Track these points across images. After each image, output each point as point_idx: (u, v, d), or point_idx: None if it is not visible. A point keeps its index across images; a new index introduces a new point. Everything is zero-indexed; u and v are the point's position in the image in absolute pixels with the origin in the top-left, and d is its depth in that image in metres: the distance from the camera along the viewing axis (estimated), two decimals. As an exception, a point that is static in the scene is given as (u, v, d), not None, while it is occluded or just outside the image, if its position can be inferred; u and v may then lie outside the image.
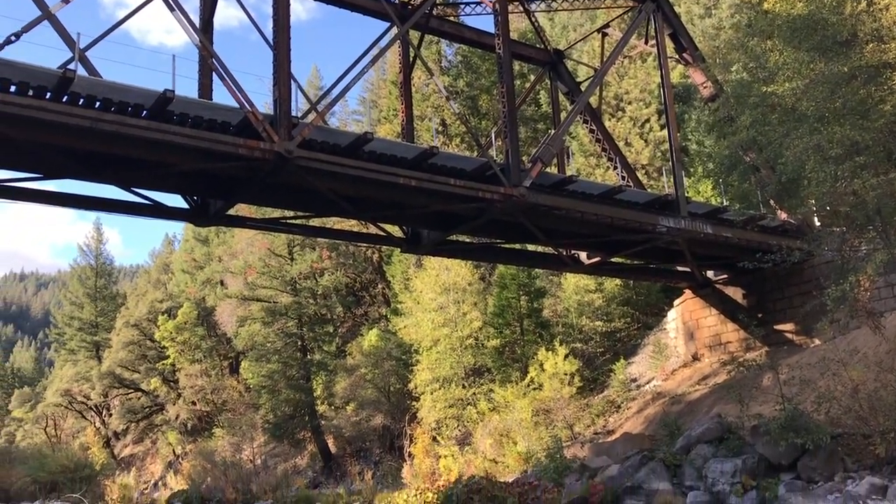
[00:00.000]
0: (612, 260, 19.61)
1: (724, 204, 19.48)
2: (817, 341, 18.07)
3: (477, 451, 22.61)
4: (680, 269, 21.29)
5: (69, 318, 56.64)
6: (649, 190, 20.19)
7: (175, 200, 14.27)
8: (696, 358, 21.53)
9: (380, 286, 38.29)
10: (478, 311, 25.74)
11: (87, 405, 51.20)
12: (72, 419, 54.14)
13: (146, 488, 42.63)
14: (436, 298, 26.05)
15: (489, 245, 19.61)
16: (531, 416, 20.98)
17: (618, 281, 24.34)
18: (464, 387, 25.29)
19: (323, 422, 33.24)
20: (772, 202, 19.77)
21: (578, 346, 23.74)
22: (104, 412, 51.32)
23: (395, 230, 17.92)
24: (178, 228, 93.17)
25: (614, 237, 17.70)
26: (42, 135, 10.59)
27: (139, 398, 49.05)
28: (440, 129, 32.61)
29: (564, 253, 19.26)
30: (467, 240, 20.76)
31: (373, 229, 17.47)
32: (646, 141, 26.80)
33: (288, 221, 16.53)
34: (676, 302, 22.78)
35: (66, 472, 37.71)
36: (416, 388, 26.23)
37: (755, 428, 13.72)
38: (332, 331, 36.54)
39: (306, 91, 16.88)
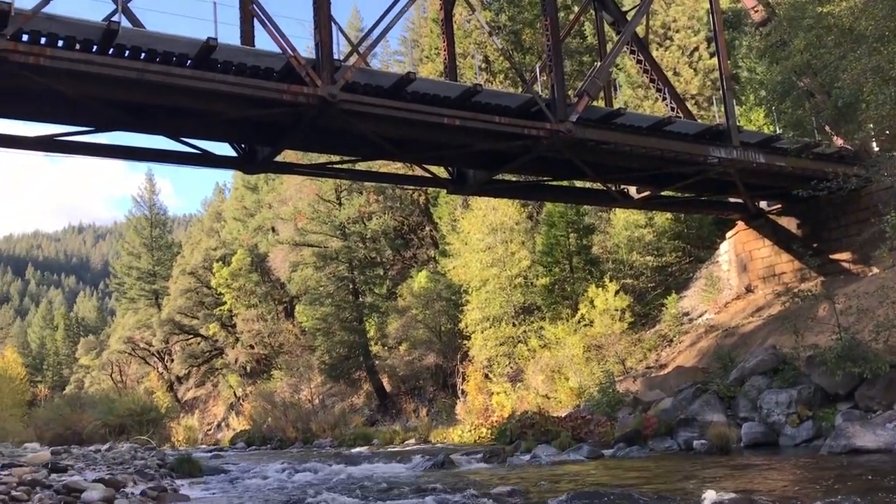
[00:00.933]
0: (663, 193, 19.30)
1: (777, 132, 18.92)
2: (875, 270, 17.65)
3: (529, 387, 22.88)
4: (732, 200, 20.87)
5: (128, 268, 58.28)
6: (699, 120, 19.67)
7: (223, 149, 14.42)
8: (749, 290, 21.25)
9: (427, 228, 38.43)
10: (526, 250, 25.70)
11: (149, 351, 53.00)
12: (136, 365, 56.16)
13: (210, 429, 44.27)
14: (483, 239, 26.07)
15: (536, 183, 19.44)
16: (582, 352, 21.07)
17: (668, 215, 24.00)
18: (514, 325, 25.45)
19: (377, 362, 33.91)
20: (827, 128, 19.13)
21: (629, 282, 23.61)
22: (166, 358, 53.08)
23: (440, 171, 17.86)
24: (227, 177, 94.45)
25: (664, 170, 17.39)
26: (91, 88, 10.75)
27: (199, 343, 50.55)
28: (483, 66, 32.10)
29: (613, 188, 19.02)
30: (514, 178, 20.62)
31: (418, 171, 17.45)
32: (695, 70, 26.03)
33: (334, 166, 16.59)
34: (729, 234, 22.42)
35: (133, 416, 39.34)
36: (466, 327, 26.49)
37: (811, 358, 13.57)
38: (382, 273, 36.95)
39: (347, 33, 16.77)
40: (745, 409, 14.02)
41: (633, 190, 19.59)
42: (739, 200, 20.33)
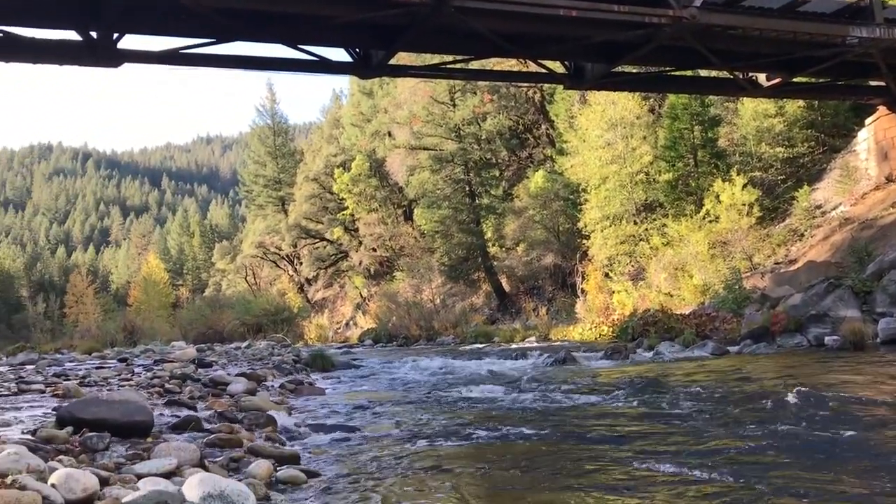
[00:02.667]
0: (795, 80, 18.09)
1: (929, 5, 17.22)
2: None
3: (651, 285, 22.61)
4: (873, 84, 19.34)
5: (254, 176, 60.60)
6: (838, -2, 18.14)
7: (339, 55, 14.53)
8: (890, 180, 19.88)
9: (543, 127, 37.76)
10: (648, 145, 24.91)
11: (279, 255, 55.53)
12: (267, 268, 59.05)
13: (339, 328, 46.35)
14: (602, 135, 25.42)
15: (658, 74, 18.59)
16: (707, 248, 20.52)
17: (801, 102, 22.54)
18: (635, 223, 25.00)
19: (495, 262, 34.26)
20: None
21: (757, 175, 22.57)
22: (295, 261, 55.50)
23: (556, 66, 17.35)
24: (344, 83, 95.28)
25: (797, 54, 16.23)
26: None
27: (325, 247, 52.50)
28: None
29: (741, 76, 17.97)
30: (634, 70, 19.78)
31: (533, 67, 17.02)
32: (834, -59, 23.85)
33: (448, 66, 16.41)
34: (868, 120, 20.87)
35: (268, 315, 41.70)
36: (585, 226, 26.23)
37: (959, 251, 12.73)
38: (497, 175, 36.85)
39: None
40: (882, 304, 13.36)
41: (762, 77, 18.44)
42: (882, 84, 18.80)
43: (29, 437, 4.29)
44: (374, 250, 46.42)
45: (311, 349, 22.36)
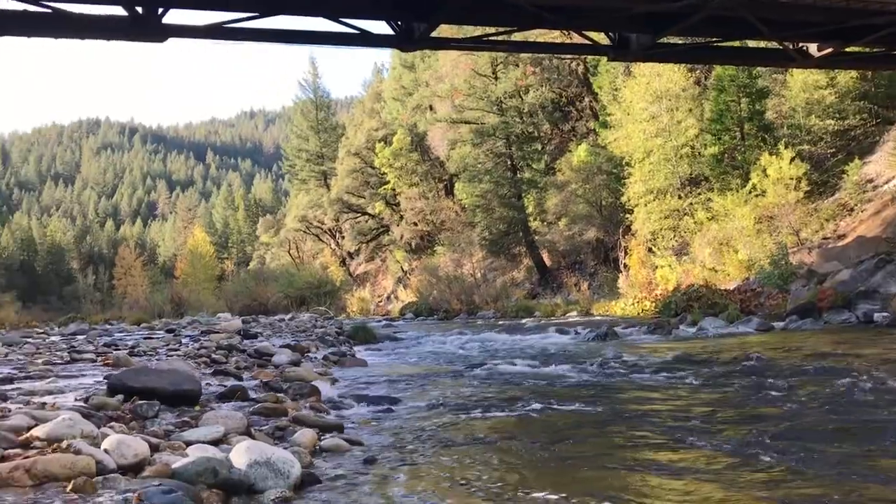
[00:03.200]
0: (848, 50, 17.55)
1: None
2: None
3: (695, 260, 22.33)
4: (931, 53, 18.69)
5: (297, 151, 61.03)
6: (895, -37, 17.48)
7: (380, 28, 14.45)
8: (947, 153, 19.31)
9: (587, 100, 37.29)
10: (693, 117, 24.47)
11: (321, 229, 56.03)
12: (310, 242, 59.66)
13: (380, 301, 46.72)
14: (647, 108, 25.03)
15: (704, 45, 18.15)
16: (753, 223, 20.16)
17: (853, 73, 21.88)
18: (679, 197, 24.65)
19: (536, 237, 34.12)
20: None
21: (806, 149, 22.04)
22: (337, 235, 55.97)
23: (600, 38, 17.08)
24: (386, 57, 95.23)
25: (851, 22, 15.70)
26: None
27: (366, 221, 52.80)
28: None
29: (791, 46, 17.48)
30: (680, 41, 19.38)
31: (577, 39, 16.79)
32: None
33: (490, 38, 16.26)
34: (925, 92, 20.24)
35: (311, 288, 42.23)
36: (628, 200, 25.94)
37: None
38: (539, 148, 36.56)
39: None
40: (935, 281, 13.06)
41: (813, 48, 17.90)
42: (941, 52, 18.15)
43: (82, 404, 4.42)
44: (415, 224, 46.55)
45: (353, 322, 22.61)
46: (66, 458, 2.81)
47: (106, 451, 3.01)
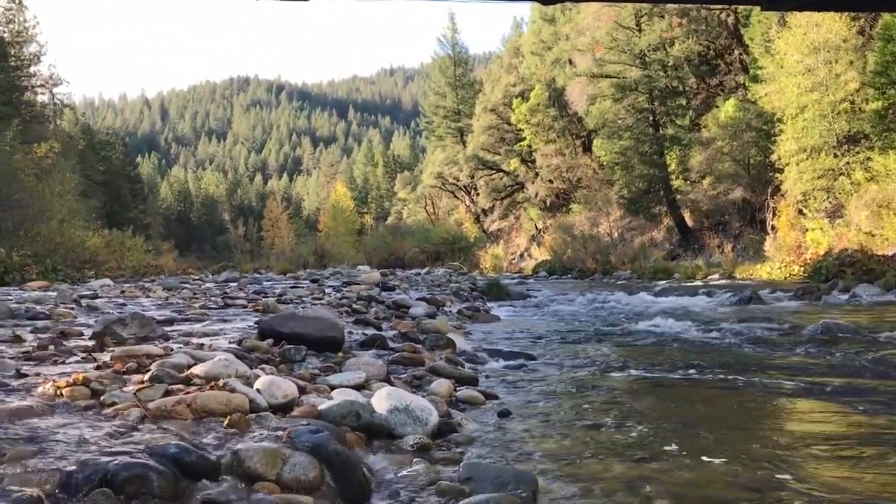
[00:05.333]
0: None
1: None
2: None
3: (849, 223, 20.96)
4: None
5: (435, 107, 61.54)
6: None
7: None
8: None
9: (736, 52, 35.39)
10: (854, 70, 22.77)
11: (457, 185, 56.56)
12: (446, 198, 60.40)
13: (513, 258, 46.83)
14: (802, 60, 23.49)
15: (871, -10, 16.80)
16: (919, 184, 18.69)
17: None
18: (835, 156, 23.13)
19: (678, 196, 33.02)
20: None
21: None
22: (472, 191, 56.32)
23: (754, -15, 16.10)
24: (525, 11, 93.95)
25: None
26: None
27: (501, 178, 52.81)
28: None
29: (974, -11, 15.86)
30: (843, -13, 17.96)
31: (729, -13, 15.90)
32: None
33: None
34: None
35: (446, 244, 42.89)
36: (779, 159, 24.61)
37: None
38: (684, 104, 35.18)
39: None
40: None
41: None
42: None
43: (235, 346, 4.72)
44: (551, 182, 46.10)
45: (487, 278, 22.81)
46: (222, 395, 3.00)
47: (258, 390, 3.20)
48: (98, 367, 3.75)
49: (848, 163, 22.74)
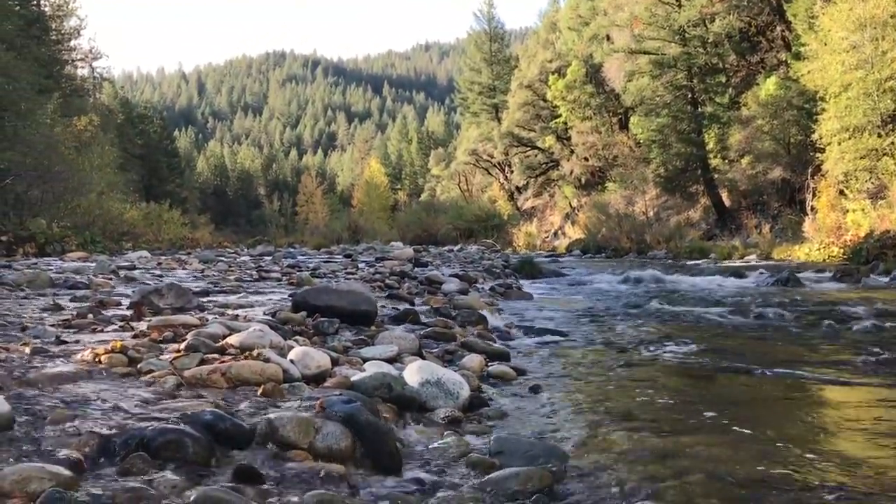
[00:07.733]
0: None
1: None
2: None
3: (892, 205, 20.49)
4: None
5: (469, 83, 61.15)
6: None
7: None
8: None
9: (779, 29, 34.58)
10: (902, 47, 22.13)
11: (491, 163, 56.31)
12: (479, 176, 60.23)
13: (547, 236, 46.61)
14: (848, 37, 22.85)
15: (922, -36, 16.30)
16: (966, 166, 18.18)
17: None
18: (879, 136, 22.54)
19: (716, 175, 32.56)
20: None
21: None
22: (506, 169, 56.05)
23: (800, -41, 15.71)
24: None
25: None
26: None
27: (536, 155, 52.45)
28: None
29: None
30: (893, -39, 17.47)
31: (773, -39, 15.52)
32: None
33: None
34: None
35: (479, 221, 42.84)
36: (820, 138, 24.05)
37: None
38: (724, 81, 34.52)
39: None
40: None
41: None
42: None
43: (270, 317, 4.77)
44: (586, 160, 45.69)
45: (520, 256, 22.76)
46: (256, 365, 3.04)
47: (292, 361, 3.24)
48: (135, 336, 3.82)
49: (892, 143, 22.18)
